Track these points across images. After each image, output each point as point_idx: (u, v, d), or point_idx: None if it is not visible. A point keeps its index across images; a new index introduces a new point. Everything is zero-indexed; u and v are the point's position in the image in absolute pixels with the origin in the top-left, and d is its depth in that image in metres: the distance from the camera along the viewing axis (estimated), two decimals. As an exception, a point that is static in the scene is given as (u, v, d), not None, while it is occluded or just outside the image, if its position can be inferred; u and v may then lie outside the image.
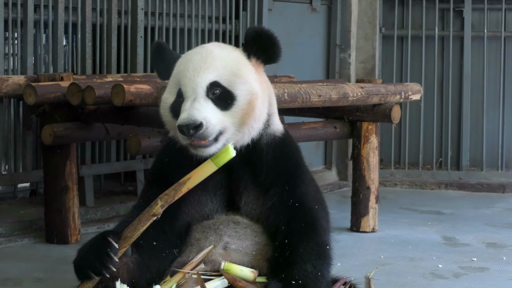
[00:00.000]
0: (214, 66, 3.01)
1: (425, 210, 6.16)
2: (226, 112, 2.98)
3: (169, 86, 3.11)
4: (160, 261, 3.03)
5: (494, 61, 7.45)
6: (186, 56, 3.11)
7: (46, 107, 4.67)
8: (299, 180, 3.17)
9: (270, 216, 3.11)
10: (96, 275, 2.82)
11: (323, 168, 7.37)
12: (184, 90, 2.99)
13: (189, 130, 2.88)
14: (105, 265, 2.81)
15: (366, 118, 5.20)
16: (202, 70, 2.99)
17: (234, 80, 3.02)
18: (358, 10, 7.35)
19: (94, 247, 2.86)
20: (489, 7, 7.41)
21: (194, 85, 2.97)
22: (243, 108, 3.01)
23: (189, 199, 3.08)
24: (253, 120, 3.05)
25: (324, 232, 3.13)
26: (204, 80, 2.98)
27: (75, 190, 4.79)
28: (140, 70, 5.80)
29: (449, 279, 4.17)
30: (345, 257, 4.50)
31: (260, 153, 3.12)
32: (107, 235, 2.87)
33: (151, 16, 5.93)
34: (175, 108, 3.03)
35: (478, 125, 7.44)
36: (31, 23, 5.22)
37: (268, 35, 3.12)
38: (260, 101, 3.05)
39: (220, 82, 3.00)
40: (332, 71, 7.33)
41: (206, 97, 2.97)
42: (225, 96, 2.99)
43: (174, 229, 3.07)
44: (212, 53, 3.05)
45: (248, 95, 3.02)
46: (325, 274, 3.03)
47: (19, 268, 4.21)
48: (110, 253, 2.81)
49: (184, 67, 3.03)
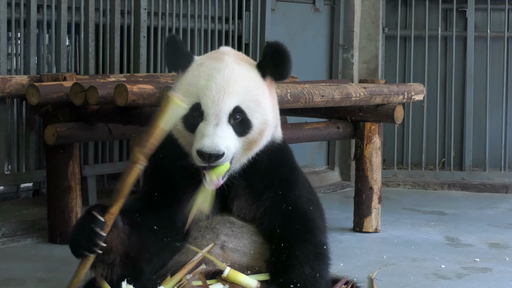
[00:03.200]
0: (237, 91, 2.98)
1: (428, 211, 6.15)
2: (239, 138, 2.99)
3: (181, 92, 3.03)
4: (160, 246, 3.01)
5: (497, 61, 7.44)
6: (205, 70, 3.03)
7: (49, 107, 4.67)
8: (293, 184, 3.17)
9: (265, 221, 3.11)
10: (89, 253, 2.78)
11: (325, 168, 7.37)
12: (206, 111, 2.95)
13: (211, 158, 2.88)
14: (94, 242, 2.76)
15: (369, 118, 5.20)
16: (226, 94, 2.96)
17: (253, 107, 3.01)
18: (361, 10, 7.35)
19: (81, 225, 2.82)
20: (492, 7, 7.40)
21: (217, 110, 2.94)
22: (254, 137, 3.02)
23: (186, 197, 3.07)
24: (257, 147, 3.07)
25: (320, 233, 3.13)
26: (228, 106, 2.95)
27: (78, 190, 4.80)
28: (143, 70, 5.80)
29: (452, 279, 4.16)
30: (348, 257, 4.50)
31: (255, 160, 3.12)
32: (91, 209, 2.82)
33: (154, 16, 5.94)
34: (189, 121, 3.00)
35: (481, 126, 7.43)
36: (34, 23, 5.23)
37: (285, 53, 3.08)
38: (269, 130, 3.07)
39: (242, 108, 2.99)
40: (335, 71, 7.32)
41: (228, 123, 2.96)
42: (243, 123, 2.99)
43: (176, 221, 3.06)
44: (233, 73, 3.00)
45: (261, 125, 3.03)
46: (324, 274, 3.02)
47: (22, 268, 4.21)
48: (95, 228, 2.75)
49: (205, 84, 2.98)
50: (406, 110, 7.16)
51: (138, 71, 5.78)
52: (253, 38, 6.59)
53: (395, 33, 7.48)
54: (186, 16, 6.15)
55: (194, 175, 3.00)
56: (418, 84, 5.42)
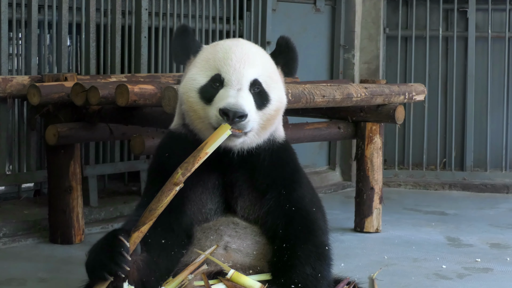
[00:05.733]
0: (256, 64, 3.04)
1: (429, 211, 6.15)
2: (258, 111, 3.01)
3: (198, 69, 3.07)
4: (169, 259, 3.01)
5: (498, 61, 7.44)
6: (222, 45, 3.10)
7: (50, 107, 4.67)
8: (296, 184, 3.17)
9: (268, 221, 3.11)
10: (110, 275, 2.78)
11: (326, 168, 7.37)
12: (227, 77, 2.99)
13: (236, 116, 2.89)
14: (119, 265, 2.77)
15: (370, 118, 5.20)
16: (247, 64, 3.01)
17: (270, 82, 3.06)
18: (362, 10, 7.35)
19: (106, 247, 2.82)
20: (493, 7, 7.40)
21: (239, 76, 2.99)
22: (271, 113, 3.04)
23: (191, 197, 3.08)
24: (272, 127, 3.09)
25: (322, 234, 3.13)
26: (249, 74, 3.00)
27: (79, 190, 4.80)
28: (144, 71, 5.81)
29: (453, 279, 4.16)
30: (349, 257, 4.50)
31: (257, 158, 3.13)
32: (118, 233, 2.83)
33: (155, 17, 5.94)
34: (206, 91, 3.02)
35: (482, 126, 7.43)
36: (35, 24, 5.23)
37: (295, 51, 3.17)
38: (282, 111, 3.12)
39: (260, 80, 3.03)
40: (336, 71, 7.32)
41: (249, 91, 2.99)
42: (262, 95, 3.02)
43: (181, 226, 3.06)
44: (251, 49, 3.08)
45: (278, 101, 3.07)
46: (326, 275, 3.02)
47: (23, 268, 4.21)
48: (123, 252, 2.77)
49: (225, 55, 3.03)
50: (407, 110, 7.16)
51: (139, 72, 5.78)
52: (254, 39, 6.59)
53: (396, 33, 7.48)
54: (187, 16, 6.15)
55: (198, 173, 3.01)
56: (419, 84, 5.42)
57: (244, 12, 6.57)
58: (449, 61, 7.46)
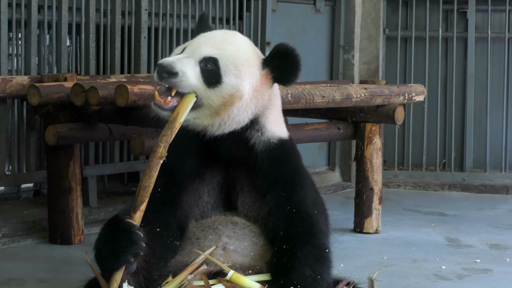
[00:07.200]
0: (224, 49, 3.07)
1: (429, 212, 6.15)
2: (207, 88, 3.01)
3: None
4: (165, 247, 3.00)
5: (498, 62, 7.44)
6: (213, 31, 3.23)
7: (50, 108, 4.67)
8: (297, 186, 3.16)
9: (269, 222, 3.10)
10: (134, 257, 2.74)
11: (326, 169, 7.37)
12: (186, 48, 3.09)
13: (163, 71, 2.95)
14: (138, 244, 2.73)
15: (369, 119, 5.20)
16: (213, 44, 3.07)
17: (231, 69, 3.05)
18: (362, 11, 7.35)
19: (116, 231, 2.76)
20: (493, 8, 7.40)
21: (195, 48, 3.06)
22: (224, 96, 3.03)
23: (188, 187, 3.09)
24: (227, 116, 3.05)
25: (323, 236, 3.12)
26: (207, 50, 3.05)
27: (79, 190, 4.80)
28: (144, 71, 5.81)
29: (452, 280, 4.17)
30: (348, 258, 4.51)
31: (255, 159, 3.13)
32: (122, 217, 2.79)
33: (155, 17, 5.94)
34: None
35: (482, 127, 7.43)
36: (35, 24, 5.24)
37: (295, 59, 3.20)
38: (241, 104, 3.06)
39: (219, 62, 3.04)
40: (335, 72, 7.32)
41: (197, 62, 3.02)
42: (213, 74, 3.03)
43: (175, 218, 3.06)
44: (232, 38, 3.13)
45: (232, 89, 3.04)
46: (325, 276, 3.02)
47: (22, 269, 4.21)
48: (137, 230, 2.74)
49: (204, 35, 3.15)
50: (406, 111, 7.15)
51: (138, 72, 5.78)
52: (254, 39, 6.58)
53: (396, 34, 7.48)
54: (187, 17, 6.15)
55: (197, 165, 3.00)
56: (418, 85, 5.43)
57: (244, 12, 6.57)
58: (449, 62, 7.46)
